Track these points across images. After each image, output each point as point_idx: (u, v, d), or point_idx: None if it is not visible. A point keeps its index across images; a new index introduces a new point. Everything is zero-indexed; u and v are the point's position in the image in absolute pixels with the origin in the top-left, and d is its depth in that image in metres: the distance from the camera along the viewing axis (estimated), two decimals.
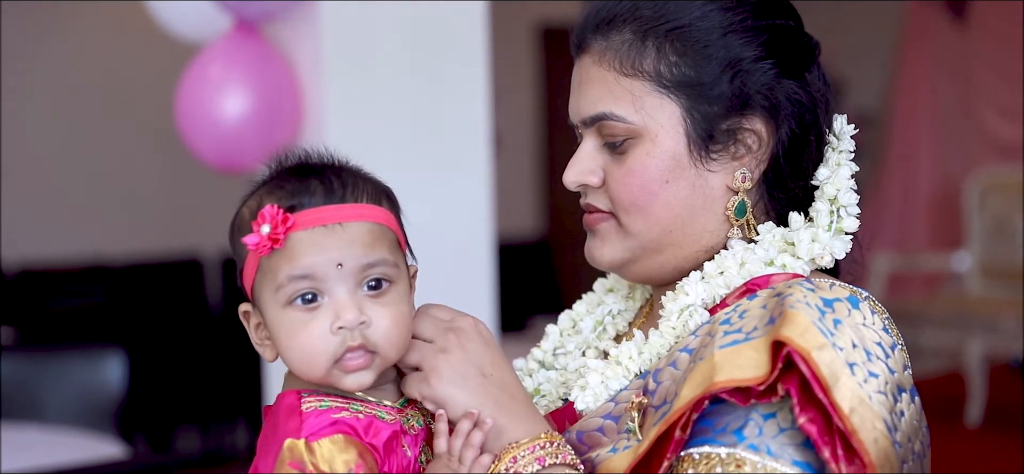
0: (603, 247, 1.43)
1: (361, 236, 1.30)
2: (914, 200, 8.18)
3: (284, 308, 1.29)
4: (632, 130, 1.37)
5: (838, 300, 1.28)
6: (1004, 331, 6.37)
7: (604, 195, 1.41)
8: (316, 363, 1.29)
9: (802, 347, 1.19)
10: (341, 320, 1.28)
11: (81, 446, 3.56)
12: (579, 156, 1.42)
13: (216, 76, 3.33)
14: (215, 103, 3.31)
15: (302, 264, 1.28)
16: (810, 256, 1.37)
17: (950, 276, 7.48)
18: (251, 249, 1.28)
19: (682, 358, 1.31)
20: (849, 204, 1.40)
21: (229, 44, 3.35)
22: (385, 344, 1.30)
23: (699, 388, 1.22)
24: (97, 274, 6.90)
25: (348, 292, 1.29)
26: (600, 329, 1.54)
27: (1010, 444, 5.87)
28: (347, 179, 1.33)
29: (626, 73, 1.37)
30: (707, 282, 1.37)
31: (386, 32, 3.45)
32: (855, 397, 1.19)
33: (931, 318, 6.70)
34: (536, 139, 8.94)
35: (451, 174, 3.56)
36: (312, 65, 3.39)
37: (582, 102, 1.41)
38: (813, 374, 1.18)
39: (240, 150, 3.34)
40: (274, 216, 1.27)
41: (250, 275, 1.32)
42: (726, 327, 1.29)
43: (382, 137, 3.43)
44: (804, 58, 1.40)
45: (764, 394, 1.21)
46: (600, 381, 1.37)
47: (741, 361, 1.23)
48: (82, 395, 4.21)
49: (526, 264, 8.28)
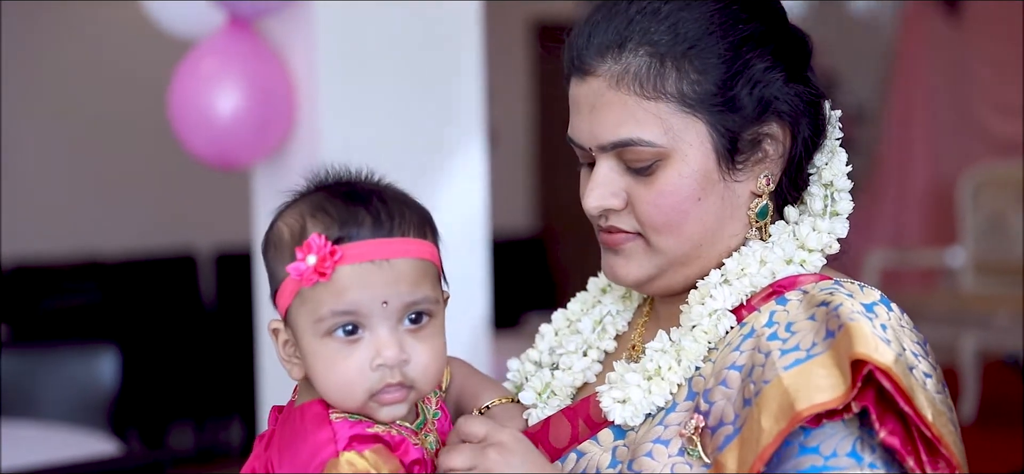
0: (630, 266, 1.41)
1: (407, 274, 1.29)
2: (908, 196, 8.19)
3: (322, 338, 1.28)
4: (661, 153, 1.36)
5: (875, 303, 1.31)
6: (998, 327, 6.38)
7: (629, 216, 1.40)
8: (353, 396, 1.28)
9: (883, 363, 1.21)
10: (381, 358, 1.27)
11: (75, 443, 3.55)
12: (598, 180, 1.39)
13: (210, 72, 3.33)
14: (209, 99, 3.30)
15: (347, 300, 1.26)
16: (820, 247, 1.40)
17: (944, 272, 7.49)
18: (294, 278, 1.26)
19: (732, 376, 1.31)
20: (843, 187, 1.43)
21: (223, 40, 3.35)
22: (422, 379, 1.30)
23: (783, 420, 1.22)
24: (91, 271, 6.90)
25: (390, 329, 1.27)
26: (599, 329, 1.53)
27: (1004, 440, 5.87)
28: (394, 210, 1.30)
29: (648, 96, 1.35)
30: (732, 283, 1.38)
31: (380, 28, 3.44)
32: (929, 402, 1.22)
33: (925, 314, 6.70)
34: (531, 135, 8.94)
35: (445, 170, 3.55)
36: (306, 61, 3.39)
37: (599, 128, 1.38)
38: (897, 387, 1.21)
39: (234, 146, 3.33)
40: (321, 248, 1.25)
41: (287, 299, 1.30)
42: (778, 344, 1.29)
43: (376, 133, 3.42)
44: (805, 59, 1.42)
45: (837, 413, 1.22)
46: (643, 396, 1.35)
47: (817, 382, 1.23)
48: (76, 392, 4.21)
49: (520, 260, 8.27)
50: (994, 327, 6.40)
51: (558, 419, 1.42)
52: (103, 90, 7.08)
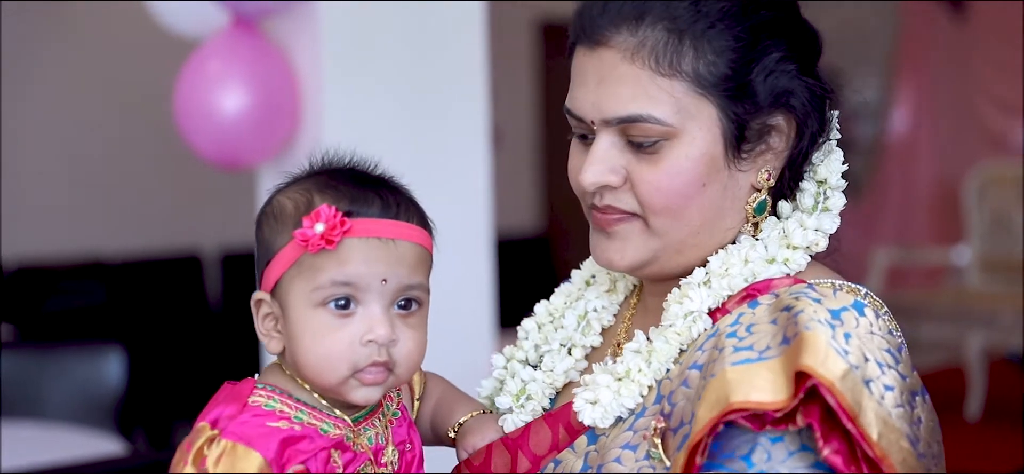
0: (625, 249, 1.37)
1: (409, 257, 1.32)
2: (913, 194, 8.18)
3: (315, 308, 1.29)
4: (669, 132, 1.32)
5: (845, 309, 1.26)
6: (1003, 325, 6.37)
7: (627, 195, 1.35)
8: (336, 370, 1.29)
9: (826, 378, 1.17)
10: (373, 334, 1.28)
11: (81, 443, 3.55)
12: (597, 155, 1.35)
13: (214, 72, 3.33)
14: (213, 99, 3.30)
15: (349, 271, 1.28)
16: (806, 245, 1.36)
17: (949, 270, 7.48)
18: (299, 242, 1.27)
19: (693, 376, 1.28)
20: (837, 186, 1.40)
21: (227, 40, 3.35)
22: (405, 364, 1.32)
23: (715, 409, 1.20)
24: (96, 271, 6.90)
25: (383, 308, 1.30)
26: (584, 324, 1.50)
27: (1009, 438, 5.87)
28: (400, 198, 1.34)
29: (663, 73, 1.31)
30: (711, 286, 1.34)
31: (384, 27, 3.44)
32: (879, 419, 1.17)
33: (930, 312, 6.70)
34: (535, 135, 8.94)
35: (450, 170, 3.55)
36: (310, 61, 3.39)
37: (608, 100, 1.33)
38: (840, 405, 1.16)
39: (238, 146, 3.33)
40: (331, 217, 1.27)
41: (283, 267, 1.31)
42: (734, 341, 1.26)
43: (380, 133, 3.42)
44: (816, 53, 1.40)
45: (781, 422, 1.19)
46: (612, 398, 1.33)
47: (758, 382, 1.20)
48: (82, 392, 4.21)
49: (525, 260, 8.27)
50: (999, 325, 6.39)
51: (539, 425, 1.40)
52: (107, 90, 7.08)
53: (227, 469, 1.23)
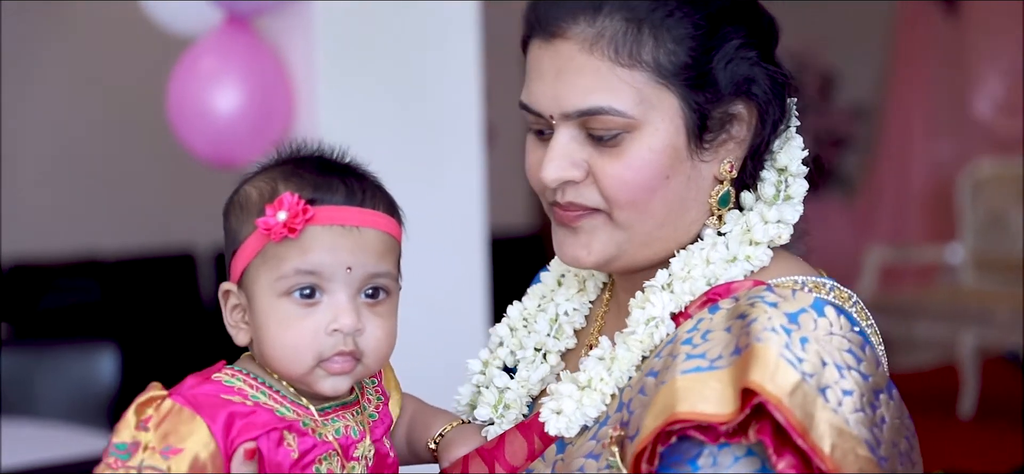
0: (592, 244, 1.34)
1: (374, 244, 1.30)
2: (907, 192, 8.18)
3: (279, 298, 1.28)
4: (631, 123, 1.30)
5: (803, 311, 1.22)
6: (997, 323, 6.37)
7: (590, 189, 1.33)
8: (302, 359, 1.28)
9: (773, 395, 1.14)
10: (338, 323, 1.27)
11: (75, 441, 3.55)
12: (557, 151, 1.31)
13: (208, 70, 3.33)
14: (207, 97, 3.30)
15: (312, 259, 1.27)
16: (767, 239, 1.34)
17: (943, 268, 7.48)
18: (262, 231, 1.27)
19: (649, 383, 1.26)
20: (798, 173, 1.37)
21: (221, 38, 3.35)
22: (373, 354, 1.30)
23: (660, 417, 1.18)
24: (90, 269, 6.89)
25: (349, 297, 1.28)
26: (556, 328, 1.47)
27: (1003, 436, 5.87)
28: (367, 185, 1.32)
29: (623, 63, 1.29)
30: (673, 290, 1.32)
31: (378, 25, 3.44)
32: (833, 429, 1.14)
33: (924, 310, 6.70)
34: None
35: (444, 168, 3.55)
36: (304, 59, 3.39)
37: (567, 94, 1.30)
38: (788, 421, 1.14)
39: (232, 144, 3.33)
40: (293, 205, 1.26)
41: (248, 257, 1.30)
42: (689, 348, 1.24)
43: (374, 131, 3.42)
44: (775, 39, 1.37)
45: (733, 435, 1.17)
46: (575, 407, 1.31)
47: (706, 392, 1.18)
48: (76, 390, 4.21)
49: (519, 258, 8.27)
50: (994, 323, 6.39)
51: (513, 435, 1.38)
52: (102, 88, 7.07)
53: (169, 429, 1.22)
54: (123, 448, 1.24)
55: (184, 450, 1.22)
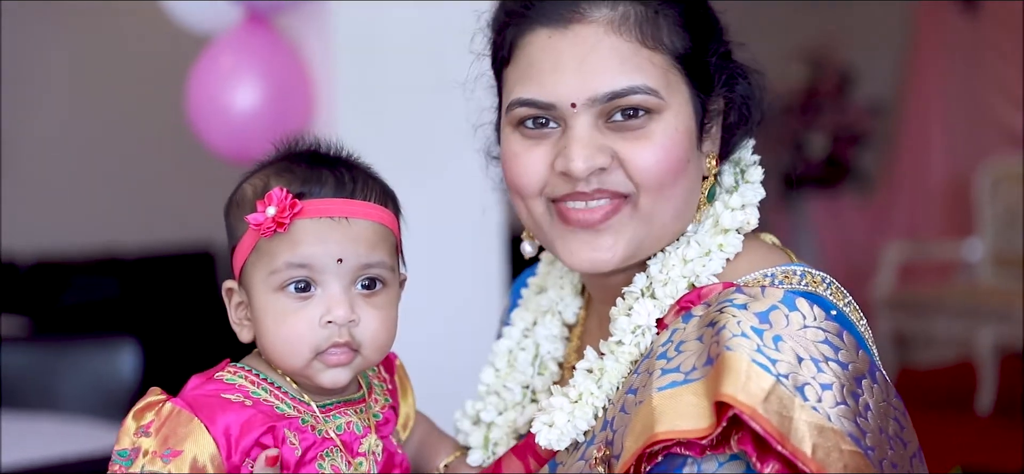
0: (617, 245, 1.31)
1: (365, 235, 1.30)
2: (926, 189, 8.16)
3: (275, 292, 1.29)
4: (661, 104, 1.27)
5: (773, 308, 1.20)
6: (1015, 320, 6.35)
7: (618, 175, 1.29)
8: (299, 352, 1.29)
9: (747, 405, 1.12)
10: (331, 315, 1.28)
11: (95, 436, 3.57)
12: (582, 139, 1.28)
13: (227, 67, 3.34)
14: (226, 94, 3.32)
15: (302, 253, 1.27)
16: (736, 226, 1.33)
17: (962, 265, 7.47)
18: (253, 228, 1.27)
19: (629, 401, 1.25)
20: (751, 161, 1.38)
21: (240, 35, 3.36)
22: (370, 345, 1.30)
23: (640, 439, 1.17)
24: (110, 266, 6.92)
25: (342, 288, 1.28)
26: (538, 364, 1.47)
27: (1021, 433, 5.86)
28: (358, 176, 1.32)
29: (648, 45, 1.27)
30: (655, 295, 1.30)
31: (396, 23, 3.45)
32: (814, 428, 1.12)
33: (943, 307, 6.69)
34: None
35: (461, 163, 3.55)
36: (322, 56, 3.40)
37: (596, 77, 1.27)
38: (766, 430, 1.12)
39: (251, 141, 3.34)
40: (281, 200, 1.26)
41: (244, 253, 1.31)
42: (663, 363, 1.22)
43: (392, 128, 3.43)
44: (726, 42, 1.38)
45: (716, 446, 1.16)
46: (567, 420, 1.31)
47: (681, 408, 1.16)
48: (96, 385, 4.23)
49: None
50: (1012, 320, 6.37)
51: (508, 459, 1.38)
52: (121, 85, 7.10)
53: (169, 432, 1.24)
54: (124, 455, 1.25)
55: (183, 452, 1.24)
